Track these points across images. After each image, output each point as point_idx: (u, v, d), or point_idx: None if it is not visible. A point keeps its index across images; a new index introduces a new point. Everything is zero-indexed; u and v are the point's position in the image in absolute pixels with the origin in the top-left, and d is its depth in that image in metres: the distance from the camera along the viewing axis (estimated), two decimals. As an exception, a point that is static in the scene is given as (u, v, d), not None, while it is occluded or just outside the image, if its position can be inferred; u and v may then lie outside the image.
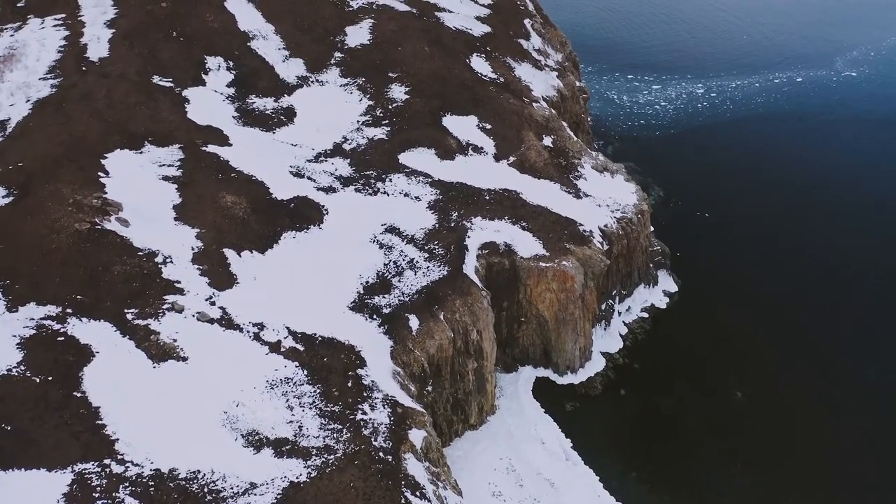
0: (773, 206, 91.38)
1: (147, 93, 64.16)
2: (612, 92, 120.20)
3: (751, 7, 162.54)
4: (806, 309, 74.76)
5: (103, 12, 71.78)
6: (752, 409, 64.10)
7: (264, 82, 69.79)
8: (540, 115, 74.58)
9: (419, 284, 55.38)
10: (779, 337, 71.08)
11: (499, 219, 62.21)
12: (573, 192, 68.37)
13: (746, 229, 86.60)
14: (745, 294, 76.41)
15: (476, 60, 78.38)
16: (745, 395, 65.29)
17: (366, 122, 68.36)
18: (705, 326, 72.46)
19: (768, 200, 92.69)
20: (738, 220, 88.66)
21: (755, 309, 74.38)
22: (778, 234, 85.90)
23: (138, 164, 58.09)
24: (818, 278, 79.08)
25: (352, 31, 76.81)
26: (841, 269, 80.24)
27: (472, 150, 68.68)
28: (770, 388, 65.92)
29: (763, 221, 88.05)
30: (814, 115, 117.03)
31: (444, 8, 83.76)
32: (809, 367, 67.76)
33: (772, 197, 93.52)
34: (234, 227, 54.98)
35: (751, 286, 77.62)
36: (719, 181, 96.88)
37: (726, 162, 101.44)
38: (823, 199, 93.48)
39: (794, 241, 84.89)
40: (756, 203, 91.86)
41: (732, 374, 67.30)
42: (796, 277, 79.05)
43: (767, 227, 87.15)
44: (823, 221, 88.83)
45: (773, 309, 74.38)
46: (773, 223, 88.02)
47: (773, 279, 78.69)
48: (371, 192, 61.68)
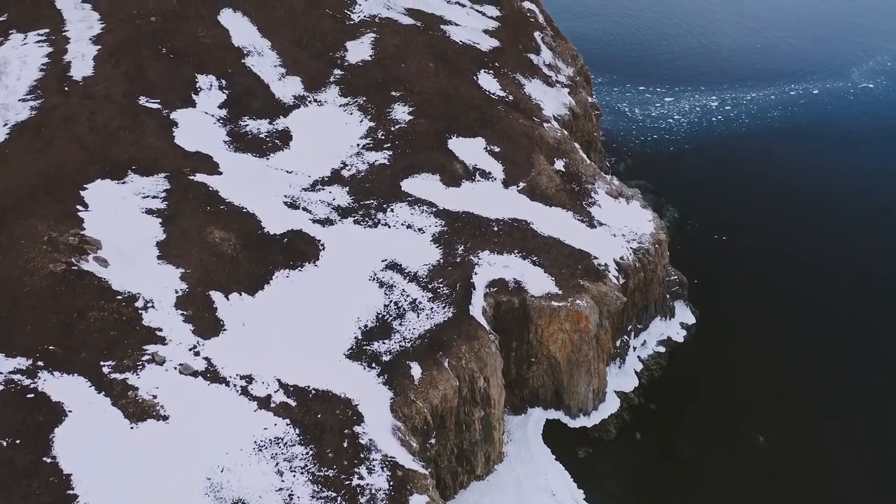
0: (793, 227, 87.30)
1: (132, 116, 60.01)
2: (623, 104, 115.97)
3: (763, 16, 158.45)
4: (836, 342, 70.45)
5: (89, 27, 67.56)
6: (777, 455, 59.80)
7: (259, 103, 65.61)
8: (551, 137, 70.41)
9: (422, 328, 51.25)
10: (806, 373, 66.92)
11: (508, 252, 58.10)
12: (587, 220, 64.28)
13: (766, 253, 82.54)
14: (768, 325, 72.27)
15: (484, 77, 74.24)
16: (769, 440, 61.14)
17: (366, 145, 64.22)
18: (725, 361, 68.39)
19: (788, 221, 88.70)
20: (757, 243, 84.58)
21: (779, 341, 70.27)
22: (800, 258, 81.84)
23: (120, 195, 53.99)
24: (848, 306, 74.70)
25: (353, 46, 72.62)
26: (875, 299, 75.80)
27: (479, 175, 64.58)
28: (796, 432, 61.64)
29: (783, 244, 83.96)
30: (832, 130, 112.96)
31: (451, 20, 79.57)
32: (840, 408, 63.51)
33: (791, 217, 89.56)
34: (222, 267, 50.86)
35: (773, 316, 73.51)
36: (736, 200, 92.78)
37: (743, 180, 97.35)
38: (845, 217, 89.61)
39: (817, 265, 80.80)
40: (775, 224, 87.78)
41: (755, 416, 63.15)
42: (822, 305, 74.90)
43: (788, 250, 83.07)
44: (847, 242, 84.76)
45: (799, 341, 70.26)
46: (793, 246, 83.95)
47: (797, 307, 74.64)
48: (371, 224, 57.54)
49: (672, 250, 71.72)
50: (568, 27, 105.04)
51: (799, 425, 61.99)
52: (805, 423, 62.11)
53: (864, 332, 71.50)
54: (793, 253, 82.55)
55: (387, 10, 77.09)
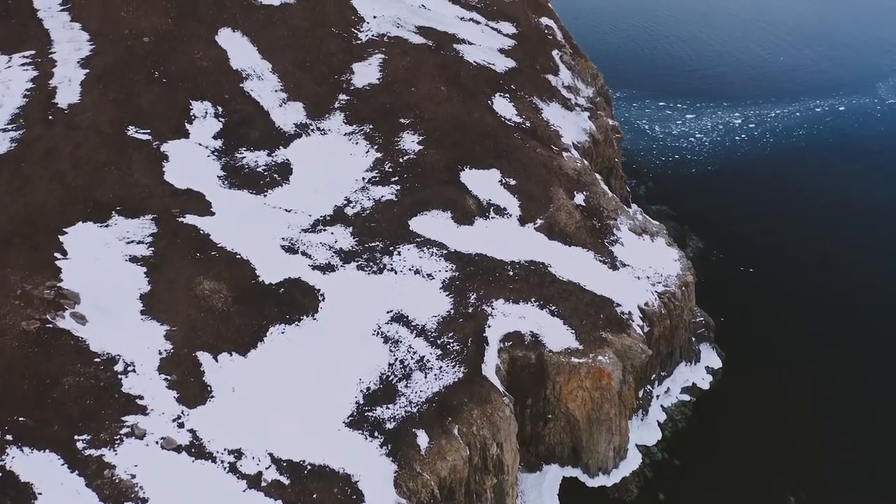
0: (823, 257, 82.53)
1: (119, 148, 55.57)
2: (643, 121, 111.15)
3: (786, 28, 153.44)
4: (875, 385, 65.68)
5: (77, 48, 63.09)
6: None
7: (257, 132, 61.02)
8: (571, 168, 65.74)
9: (430, 391, 46.67)
10: (841, 421, 62.22)
11: (524, 301, 53.47)
12: (609, 261, 59.63)
13: (795, 287, 77.75)
14: (799, 367, 67.73)
15: (499, 101, 69.56)
16: (800, 502, 56.29)
17: (372, 179, 59.62)
18: (754, 410, 63.74)
19: (816, 249, 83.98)
20: (785, 274, 79.86)
21: (811, 385, 65.76)
22: (830, 290, 77.26)
23: (103, 240, 49.55)
24: (888, 347, 69.64)
25: (359, 68, 67.93)
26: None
27: (493, 211, 59.98)
28: (829, 492, 56.84)
29: (813, 275, 79.24)
30: (860, 149, 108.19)
31: (464, 39, 74.84)
32: (878, 465, 58.50)
33: (820, 245, 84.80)
34: (212, 323, 46.36)
35: (804, 357, 68.81)
36: (763, 227, 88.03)
37: (769, 204, 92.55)
38: (879, 246, 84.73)
39: (849, 298, 76.02)
40: (803, 253, 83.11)
41: (786, 472, 58.64)
42: (856, 343, 70.18)
43: (818, 281, 78.40)
44: (884, 274, 79.75)
45: (833, 384, 65.74)
46: (823, 277, 79.23)
47: (828, 345, 70.04)
48: (376, 270, 52.97)
49: (697, 286, 66.94)
50: (586, 40, 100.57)
51: (833, 484, 57.18)
52: (840, 482, 57.30)
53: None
54: (823, 284, 77.95)
55: (396, 28, 72.41)
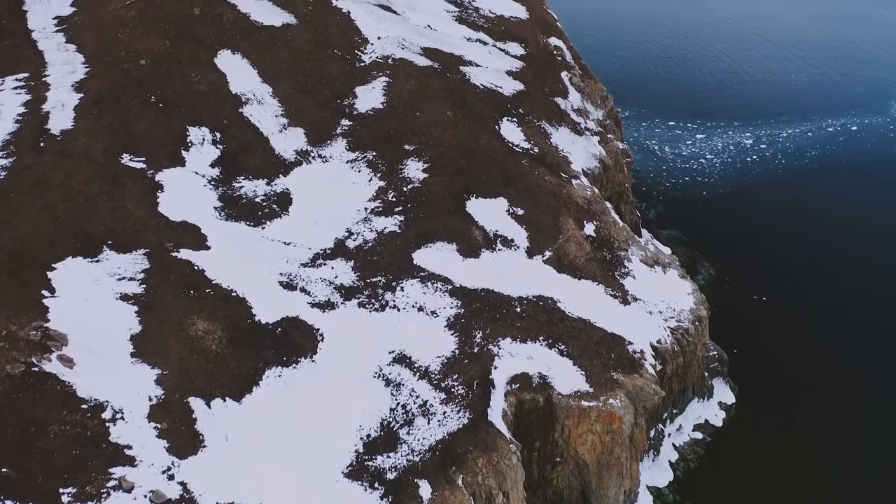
0: (839, 283, 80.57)
1: (112, 178, 53.48)
2: (652, 141, 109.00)
3: (798, 45, 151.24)
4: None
5: (72, 71, 61.13)
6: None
7: (256, 159, 58.95)
8: (580, 197, 63.57)
9: (433, 438, 44.40)
10: (859, 460, 59.96)
11: (532, 340, 51.26)
12: (620, 295, 57.45)
13: (811, 314, 75.66)
14: (816, 403, 65.45)
15: (506, 126, 67.45)
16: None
17: (375, 209, 57.47)
18: (769, 447, 61.56)
19: (833, 275, 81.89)
20: (801, 302, 77.68)
21: (828, 422, 63.39)
22: (848, 318, 74.99)
23: (93, 277, 47.43)
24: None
25: (362, 91, 65.84)
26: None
27: (500, 243, 57.82)
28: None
29: (830, 303, 77.11)
30: (874, 170, 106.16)
31: (471, 61, 72.74)
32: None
33: (837, 270, 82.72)
34: (205, 366, 44.19)
35: (822, 391, 66.68)
36: (776, 253, 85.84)
37: (782, 228, 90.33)
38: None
39: (864, 327, 73.69)
40: (818, 279, 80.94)
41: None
42: (875, 375, 67.73)
43: (835, 309, 76.25)
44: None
45: (851, 421, 63.24)
46: (841, 304, 77.08)
47: (846, 379, 67.59)
48: (378, 307, 50.77)
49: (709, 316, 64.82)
50: (593, 58, 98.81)
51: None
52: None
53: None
54: (839, 312, 75.87)
55: (402, 49, 70.35)
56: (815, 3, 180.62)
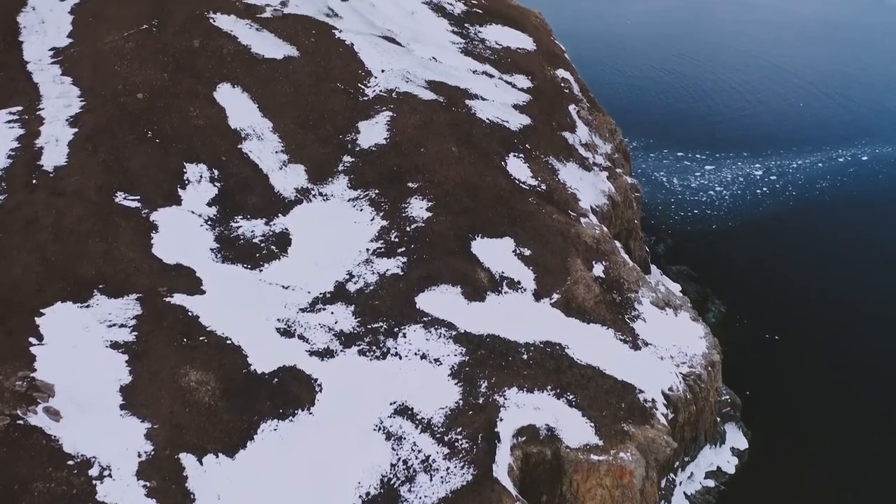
0: (854, 320, 78.49)
1: (105, 218, 51.65)
2: (660, 173, 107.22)
3: (803, 72, 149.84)
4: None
5: (67, 105, 59.44)
6: None
7: (255, 198, 57.09)
8: (589, 236, 61.66)
9: (435, 496, 42.30)
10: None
11: (539, 389, 49.22)
12: (630, 340, 55.43)
13: (826, 352, 73.68)
14: (832, 446, 63.52)
15: (513, 162, 65.61)
16: None
17: (377, 250, 55.54)
18: (783, 497, 59.39)
19: (847, 311, 79.80)
20: (815, 340, 75.77)
21: (844, 467, 61.48)
22: (862, 357, 72.92)
23: (82, 323, 45.52)
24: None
25: (365, 127, 64.04)
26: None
27: (506, 285, 55.84)
28: None
29: (844, 341, 75.02)
30: (886, 202, 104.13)
31: (477, 94, 70.99)
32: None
33: (850, 306, 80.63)
34: (197, 420, 42.19)
35: (837, 434, 64.65)
36: (788, 289, 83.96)
37: (794, 263, 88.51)
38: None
39: (881, 365, 71.70)
40: (832, 316, 78.95)
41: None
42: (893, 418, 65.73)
43: (849, 347, 74.16)
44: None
45: (867, 462, 61.39)
46: (855, 343, 75.01)
47: (861, 420, 65.66)
48: (379, 355, 48.77)
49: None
50: (599, 86, 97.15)
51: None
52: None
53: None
54: (854, 351, 73.85)
55: (406, 83, 68.60)
56: (824, 29, 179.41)
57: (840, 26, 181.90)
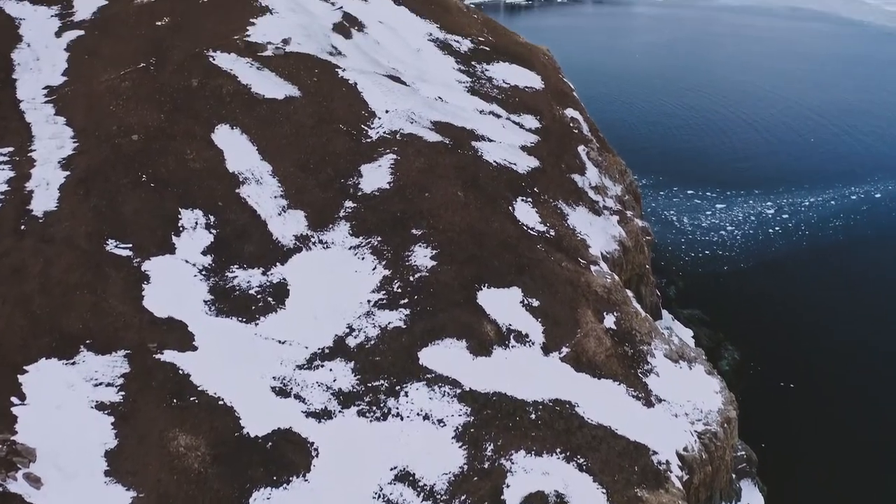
0: (871, 367, 76.06)
1: (95, 267, 49.48)
2: (670, 211, 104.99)
3: (814, 106, 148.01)
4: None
5: (60, 146, 57.43)
6: None
7: (252, 246, 54.85)
8: (600, 285, 59.30)
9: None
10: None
11: (548, 453, 46.71)
12: (643, 396, 52.96)
13: (843, 400, 71.29)
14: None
15: (521, 207, 63.36)
16: None
17: (379, 301, 53.20)
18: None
19: (865, 356, 77.38)
20: (831, 388, 73.35)
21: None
22: (881, 407, 70.33)
23: (67, 381, 43.28)
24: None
25: (368, 170, 61.88)
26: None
27: (514, 338, 53.44)
28: None
29: (861, 389, 72.58)
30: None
31: (483, 136, 68.87)
32: None
33: (869, 352, 78.26)
34: (185, 488, 39.79)
35: (858, 489, 62.06)
36: (803, 333, 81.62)
37: (809, 306, 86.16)
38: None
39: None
40: (849, 363, 76.47)
41: None
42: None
43: (869, 396, 71.75)
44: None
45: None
46: (873, 391, 72.55)
47: (881, 474, 63.15)
48: (380, 416, 46.36)
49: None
50: (607, 123, 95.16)
51: None
52: None
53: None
54: (872, 400, 71.27)
55: (410, 124, 66.51)
56: (835, 64, 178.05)
57: (851, 61, 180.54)
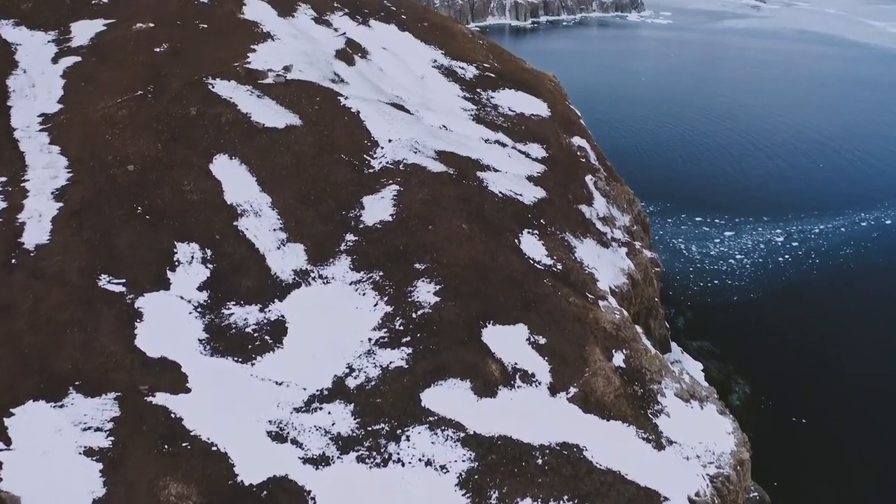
0: (888, 399, 73.89)
1: (87, 304, 47.81)
2: (678, 239, 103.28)
3: (823, 130, 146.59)
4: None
5: (53, 176, 55.86)
6: None
7: (250, 281, 53.15)
8: (608, 321, 57.50)
9: None
10: None
11: (555, 500, 44.92)
12: (653, 438, 51.08)
13: (855, 437, 69.72)
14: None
15: (527, 240, 61.66)
16: None
17: (380, 339, 51.42)
18: None
19: (879, 391, 75.56)
20: (844, 423, 71.79)
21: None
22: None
23: (54, 425, 41.55)
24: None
25: (370, 202, 60.24)
26: None
27: (520, 378, 51.64)
28: None
29: (876, 424, 70.59)
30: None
31: (489, 165, 67.30)
32: None
33: (883, 386, 76.31)
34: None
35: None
36: (814, 365, 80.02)
37: (820, 337, 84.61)
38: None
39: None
40: (863, 395, 74.78)
41: None
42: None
43: (882, 430, 70.22)
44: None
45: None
46: (889, 425, 70.65)
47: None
48: (380, 462, 44.49)
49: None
50: (615, 149, 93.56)
51: None
52: None
53: None
54: (887, 435, 69.07)
55: (414, 153, 64.94)
56: (844, 87, 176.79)
57: (859, 83, 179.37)
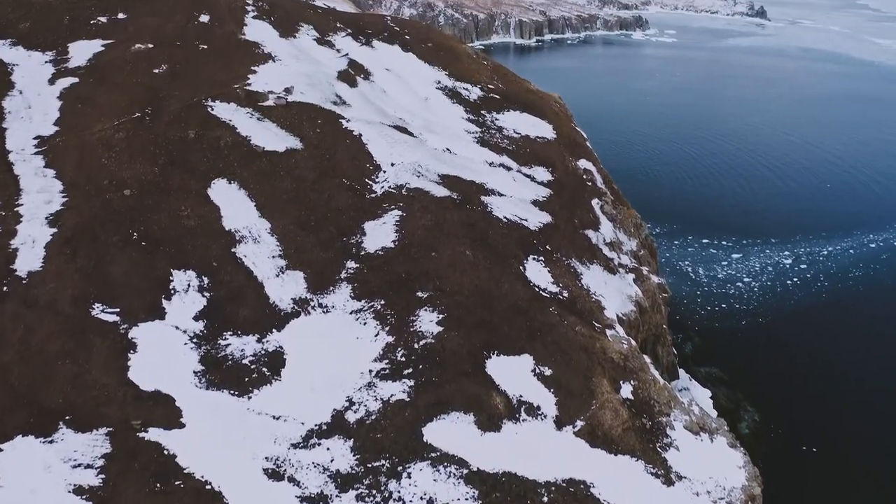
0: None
1: (80, 335, 46.39)
2: (685, 262, 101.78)
3: (831, 150, 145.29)
4: None
5: (48, 201, 54.54)
6: None
7: (247, 310, 51.71)
8: (616, 351, 56.02)
9: None
10: None
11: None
12: (662, 473, 49.56)
13: (868, 467, 67.93)
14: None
15: (532, 266, 60.24)
16: None
17: (381, 371, 49.94)
18: None
19: (890, 418, 73.62)
20: (856, 452, 70.03)
21: None
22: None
23: (44, 462, 40.06)
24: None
25: (372, 228, 58.86)
26: None
27: (525, 411, 50.13)
28: None
29: (888, 452, 68.82)
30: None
31: (493, 190, 65.95)
32: None
33: (893, 411, 74.49)
34: (167, 588, 36.32)
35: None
36: (825, 392, 78.50)
37: (830, 363, 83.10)
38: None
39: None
40: (875, 423, 72.90)
41: None
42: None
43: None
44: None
45: None
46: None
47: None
48: (380, 501, 42.97)
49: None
50: (621, 168, 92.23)
51: None
52: None
53: None
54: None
55: (417, 177, 63.61)
56: (851, 104, 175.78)
57: (865, 101, 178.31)
